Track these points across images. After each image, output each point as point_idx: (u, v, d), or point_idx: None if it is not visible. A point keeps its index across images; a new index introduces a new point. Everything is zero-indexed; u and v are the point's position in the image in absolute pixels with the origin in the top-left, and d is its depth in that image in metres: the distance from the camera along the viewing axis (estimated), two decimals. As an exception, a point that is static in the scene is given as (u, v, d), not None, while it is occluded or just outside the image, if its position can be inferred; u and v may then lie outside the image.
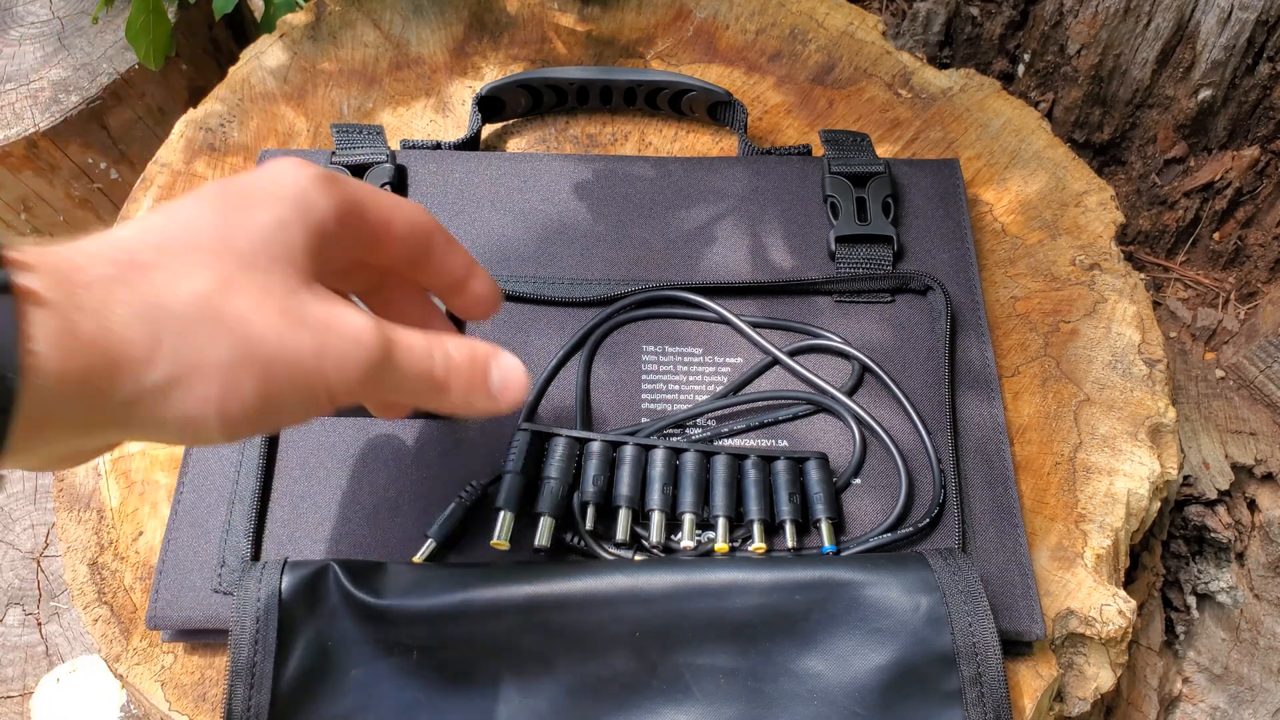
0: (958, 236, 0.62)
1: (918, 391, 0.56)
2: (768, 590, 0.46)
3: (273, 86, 0.73)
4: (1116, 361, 0.60)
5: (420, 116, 0.72)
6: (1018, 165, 0.69)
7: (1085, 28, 1.03)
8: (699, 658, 0.45)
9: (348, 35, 0.76)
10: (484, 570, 0.47)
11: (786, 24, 0.77)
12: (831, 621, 0.46)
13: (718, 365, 0.57)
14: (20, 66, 0.93)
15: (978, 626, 0.45)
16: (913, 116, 0.71)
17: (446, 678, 0.45)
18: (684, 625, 0.46)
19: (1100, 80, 1.07)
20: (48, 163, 0.92)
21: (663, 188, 0.64)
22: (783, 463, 0.52)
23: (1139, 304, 0.62)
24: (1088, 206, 0.66)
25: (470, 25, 0.77)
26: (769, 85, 0.74)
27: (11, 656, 0.98)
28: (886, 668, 0.45)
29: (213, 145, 0.70)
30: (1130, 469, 0.56)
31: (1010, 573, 0.51)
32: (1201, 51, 0.99)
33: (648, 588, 0.46)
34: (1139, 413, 0.58)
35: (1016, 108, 0.72)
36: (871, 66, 0.74)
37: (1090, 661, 0.53)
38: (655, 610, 0.46)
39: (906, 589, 0.46)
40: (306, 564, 0.47)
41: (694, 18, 0.78)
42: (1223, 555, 0.96)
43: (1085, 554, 0.53)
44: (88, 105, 0.90)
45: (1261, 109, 1.02)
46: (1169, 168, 1.11)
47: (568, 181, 0.64)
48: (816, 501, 0.51)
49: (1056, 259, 0.64)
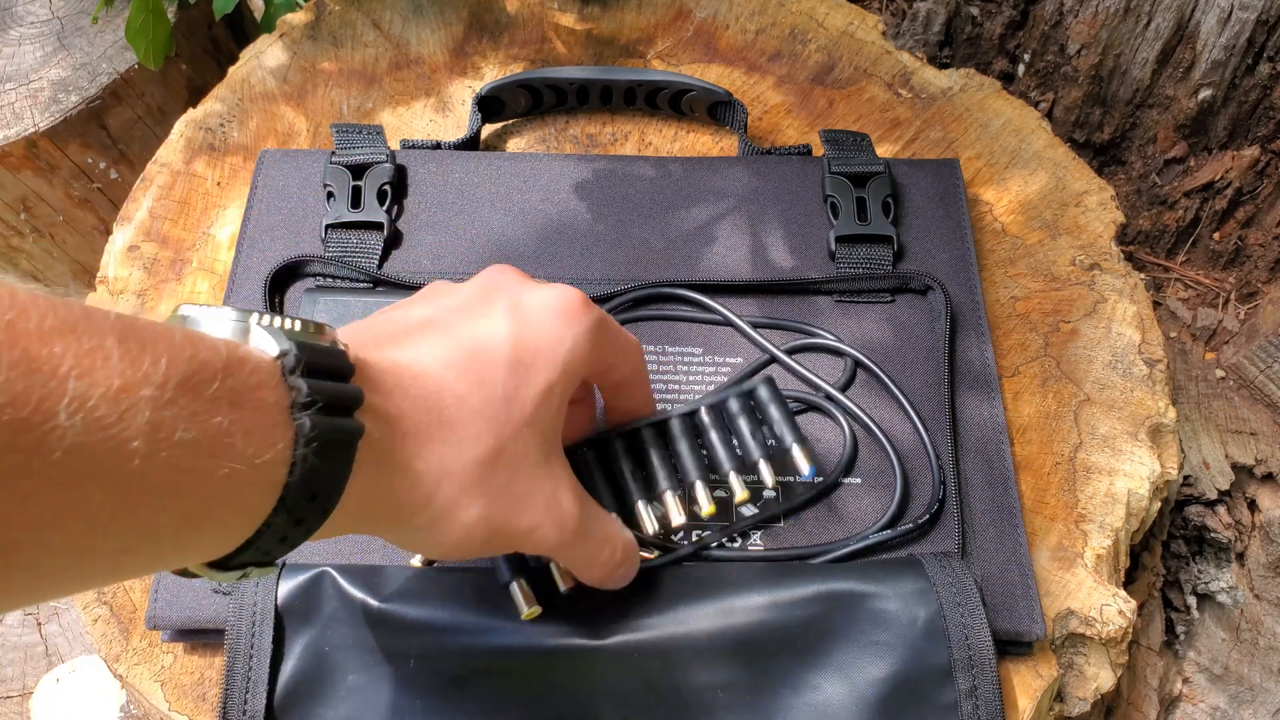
0: (958, 236, 0.62)
1: (918, 391, 0.56)
2: (767, 606, 0.46)
3: (272, 86, 0.73)
4: (1117, 361, 0.60)
5: (420, 116, 0.72)
6: (1018, 165, 0.69)
7: (1085, 28, 1.03)
8: (698, 674, 0.45)
9: (347, 35, 0.76)
10: (482, 580, 0.47)
11: (786, 24, 0.77)
12: (830, 635, 0.46)
13: (718, 365, 0.57)
14: (20, 66, 0.93)
15: (974, 638, 0.45)
16: (913, 116, 0.71)
17: (443, 688, 0.45)
18: (683, 642, 0.45)
19: (1100, 80, 1.07)
20: (47, 163, 0.92)
21: (663, 187, 0.64)
22: (734, 401, 0.49)
23: (1139, 304, 0.62)
24: (1088, 206, 0.66)
25: (470, 25, 0.77)
26: (769, 85, 0.73)
27: (11, 656, 0.98)
28: (885, 681, 0.45)
29: (212, 145, 0.70)
30: (1130, 469, 0.56)
31: (1010, 573, 0.51)
32: (1201, 51, 0.99)
33: (646, 605, 0.46)
34: (1139, 413, 0.58)
35: (1016, 108, 0.72)
36: (871, 66, 0.74)
37: (1090, 662, 0.53)
38: (653, 627, 0.46)
39: (904, 600, 0.46)
40: (304, 568, 0.47)
41: (694, 17, 0.77)
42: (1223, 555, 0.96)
43: (1085, 554, 0.53)
44: (87, 105, 0.90)
45: (1262, 109, 1.02)
46: (1169, 168, 1.11)
47: (568, 181, 0.64)
48: (780, 429, 0.48)
49: (1057, 259, 0.64)
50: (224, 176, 0.68)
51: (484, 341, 0.37)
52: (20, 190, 0.94)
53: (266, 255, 0.61)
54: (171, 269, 0.64)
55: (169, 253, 0.65)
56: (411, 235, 0.61)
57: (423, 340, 0.36)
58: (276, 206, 0.63)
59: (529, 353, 0.37)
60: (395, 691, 0.45)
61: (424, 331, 0.37)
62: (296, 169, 0.64)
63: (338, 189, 0.62)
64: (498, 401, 0.36)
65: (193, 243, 0.65)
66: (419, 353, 0.36)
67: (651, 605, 0.46)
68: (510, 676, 0.45)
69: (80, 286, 1.06)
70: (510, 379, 0.36)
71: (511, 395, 0.36)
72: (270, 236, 0.62)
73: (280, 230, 0.62)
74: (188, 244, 0.65)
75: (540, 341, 0.38)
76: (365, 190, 0.62)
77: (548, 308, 0.38)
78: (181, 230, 0.66)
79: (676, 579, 0.48)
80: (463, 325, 0.37)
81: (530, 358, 0.37)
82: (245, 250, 0.61)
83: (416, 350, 0.36)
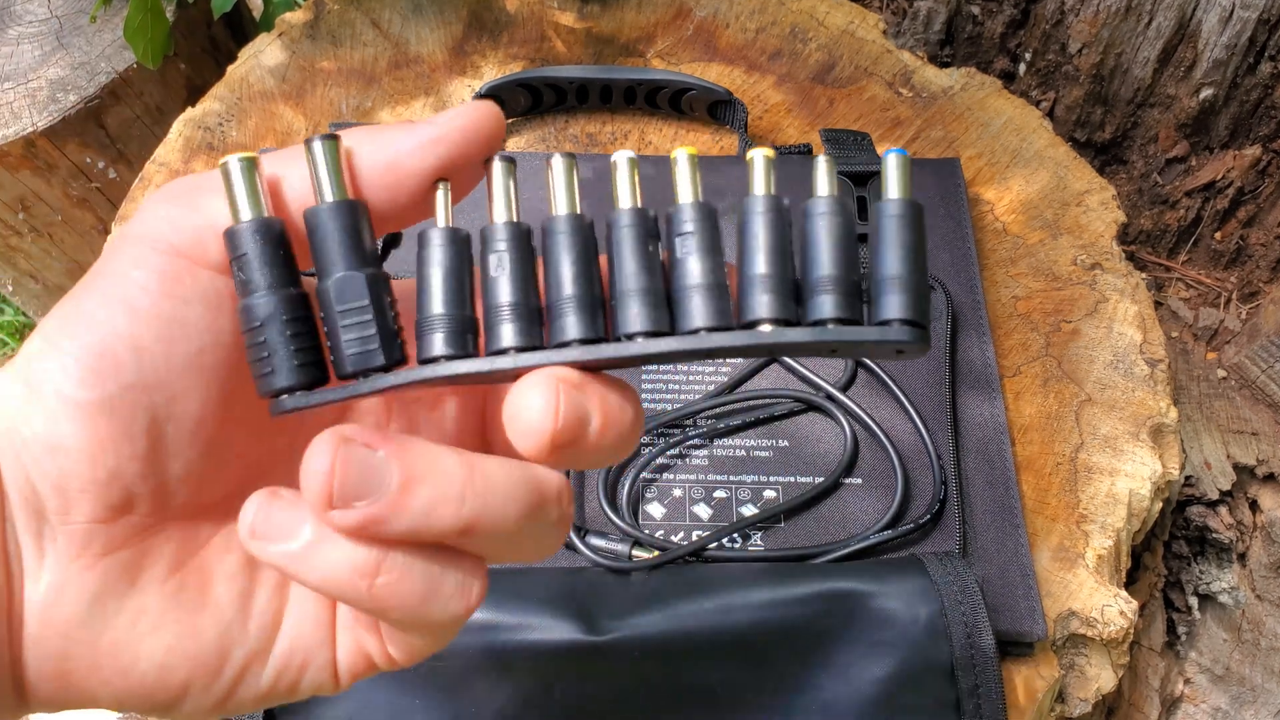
0: (959, 236, 0.62)
1: (919, 391, 0.56)
2: (767, 605, 0.46)
3: (271, 85, 0.72)
4: (1118, 361, 0.60)
5: (419, 115, 0.71)
6: (1019, 164, 0.69)
7: (1086, 26, 1.03)
8: (698, 674, 0.45)
9: (346, 34, 0.75)
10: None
11: (787, 22, 0.76)
12: (831, 634, 0.46)
13: (718, 365, 0.57)
14: (18, 65, 0.92)
15: (976, 637, 0.45)
16: (913, 115, 0.71)
17: (444, 688, 0.45)
18: (683, 642, 0.45)
19: (1101, 79, 1.07)
20: (45, 162, 0.92)
21: (662, 187, 0.63)
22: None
23: (1140, 304, 0.62)
24: (1089, 206, 0.66)
25: (469, 24, 0.76)
26: (769, 84, 0.73)
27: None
28: (887, 680, 0.45)
29: (211, 144, 0.69)
30: (1132, 469, 0.56)
31: (1011, 573, 0.50)
32: (1203, 50, 0.99)
33: (646, 605, 0.46)
34: (1140, 413, 0.58)
35: (1018, 107, 0.72)
36: (872, 65, 0.74)
37: (1092, 662, 0.53)
38: (653, 627, 0.46)
39: (906, 599, 0.46)
40: None
41: (694, 16, 0.77)
42: (1224, 556, 0.96)
43: (1087, 554, 0.53)
44: (86, 104, 0.90)
45: (1263, 108, 1.02)
46: (1170, 167, 1.11)
47: (567, 180, 0.64)
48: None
49: (1058, 258, 0.64)
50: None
51: None
52: (18, 190, 0.94)
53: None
54: (170, 268, 0.64)
55: (167, 252, 0.65)
56: (411, 234, 0.61)
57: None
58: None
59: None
60: (395, 691, 0.44)
61: None
62: (295, 168, 0.64)
63: (336, 188, 0.62)
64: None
65: (191, 242, 0.65)
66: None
67: (651, 605, 0.46)
68: (510, 682, 0.45)
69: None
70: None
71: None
72: (269, 236, 0.61)
73: (279, 230, 0.62)
74: (186, 243, 0.65)
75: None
76: (364, 189, 0.62)
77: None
78: (180, 230, 0.66)
79: (676, 579, 0.47)
80: None
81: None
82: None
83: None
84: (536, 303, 0.24)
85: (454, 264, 0.25)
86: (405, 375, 0.24)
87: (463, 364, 0.23)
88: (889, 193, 0.25)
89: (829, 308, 0.24)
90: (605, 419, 0.23)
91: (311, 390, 0.24)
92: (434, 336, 0.24)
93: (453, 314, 0.24)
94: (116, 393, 0.23)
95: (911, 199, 0.25)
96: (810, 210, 0.25)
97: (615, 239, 0.25)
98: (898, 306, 0.24)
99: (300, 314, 0.24)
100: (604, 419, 0.23)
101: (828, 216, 0.25)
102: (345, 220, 0.24)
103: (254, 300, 0.24)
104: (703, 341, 0.23)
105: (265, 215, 0.24)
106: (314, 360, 0.24)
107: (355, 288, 0.24)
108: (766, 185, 0.26)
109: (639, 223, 0.25)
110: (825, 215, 0.25)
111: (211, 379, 0.24)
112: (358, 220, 0.25)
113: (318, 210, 0.24)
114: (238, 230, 0.24)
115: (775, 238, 0.25)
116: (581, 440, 0.23)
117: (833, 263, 0.24)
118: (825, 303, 0.24)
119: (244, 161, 0.24)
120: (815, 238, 0.25)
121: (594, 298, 0.24)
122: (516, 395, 0.23)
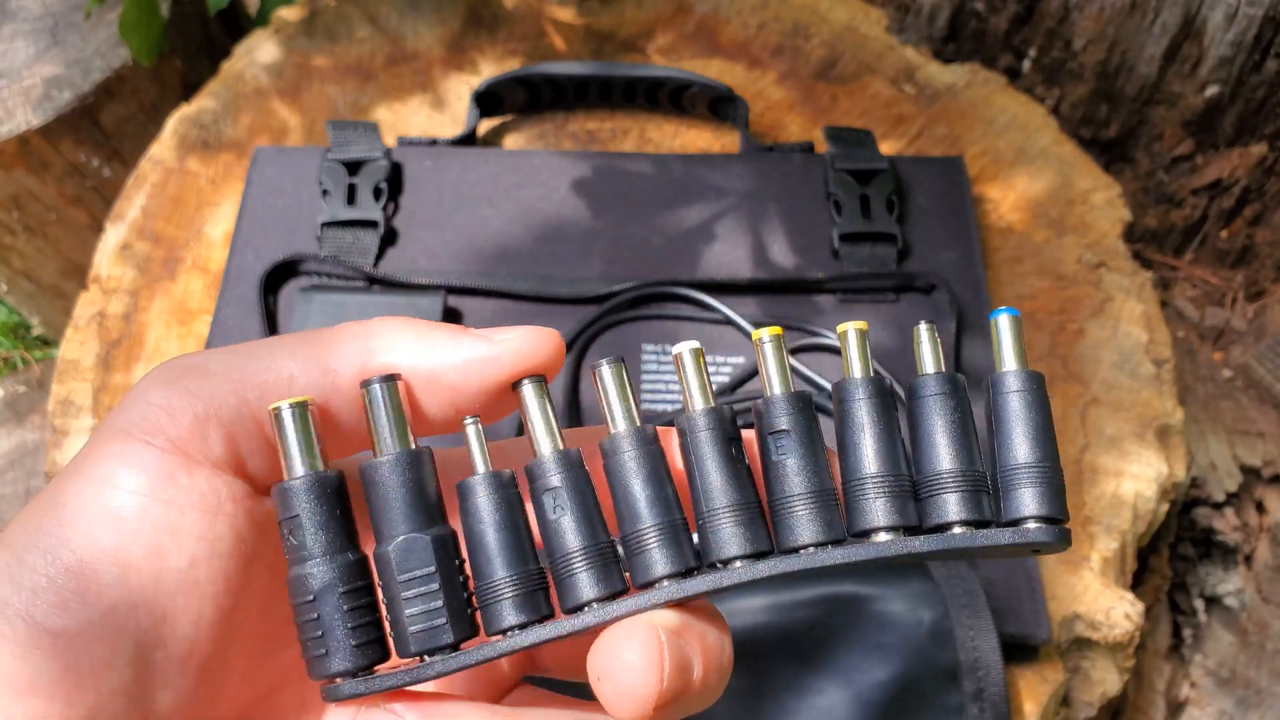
0: (963, 234, 0.61)
1: (922, 392, 0.55)
2: (768, 609, 0.45)
3: (266, 82, 0.72)
4: (1124, 361, 0.59)
5: (416, 112, 0.71)
6: (1023, 162, 0.68)
7: (1091, 23, 1.02)
8: None
9: (343, 30, 0.75)
10: None
11: (789, 18, 0.76)
12: (834, 637, 0.45)
13: (719, 365, 0.57)
14: (12, 63, 0.92)
15: (980, 640, 0.45)
16: (917, 112, 0.70)
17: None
18: None
19: (1107, 76, 1.06)
20: (40, 160, 0.91)
21: (662, 185, 0.63)
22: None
23: (1146, 303, 0.61)
24: (1094, 204, 0.65)
25: (467, 20, 0.76)
26: (771, 81, 0.72)
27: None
28: (890, 683, 0.44)
29: (205, 142, 0.69)
30: (1138, 470, 0.55)
31: (1016, 576, 0.50)
32: (1209, 48, 0.98)
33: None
34: (1146, 413, 0.57)
35: (1022, 104, 0.71)
36: (875, 62, 0.73)
37: (1097, 666, 0.52)
38: None
39: (909, 602, 0.45)
40: None
41: (695, 12, 0.77)
42: (1230, 558, 0.95)
43: (1092, 557, 0.52)
44: (80, 102, 0.89)
45: (1269, 106, 1.01)
46: (1176, 165, 1.10)
47: (566, 179, 0.63)
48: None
49: (1063, 257, 0.63)
50: (217, 173, 0.67)
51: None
52: (12, 188, 0.93)
53: (261, 254, 0.60)
54: (165, 267, 0.63)
55: (162, 251, 0.64)
56: (408, 233, 0.61)
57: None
58: (271, 204, 0.62)
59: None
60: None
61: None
62: (291, 166, 0.63)
63: (333, 186, 0.62)
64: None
65: (186, 241, 0.64)
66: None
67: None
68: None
69: (73, 285, 1.05)
70: None
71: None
72: (265, 235, 0.61)
73: (275, 228, 0.61)
74: (181, 242, 0.64)
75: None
76: (360, 187, 0.61)
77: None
78: (174, 228, 0.65)
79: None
80: None
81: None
82: (239, 249, 0.60)
83: None
84: (607, 537, 0.21)
85: (505, 516, 0.22)
86: (477, 655, 0.21)
87: (540, 630, 0.21)
88: (1005, 363, 0.22)
89: (954, 509, 0.21)
90: (706, 662, 0.20)
91: (371, 674, 0.21)
92: (502, 605, 0.21)
93: (516, 574, 0.21)
94: (98, 618, 0.19)
95: (1031, 370, 0.21)
96: (919, 391, 0.22)
97: (693, 445, 0.22)
98: (1033, 502, 0.21)
99: (359, 583, 0.21)
100: (705, 662, 0.20)
101: (941, 399, 0.22)
102: (408, 475, 0.21)
103: (308, 570, 0.21)
104: (812, 560, 0.21)
105: (321, 470, 0.21)
106: (374, 638, 0.21)
107: (420, 554, 0.21)
108: (864, 365, 0.22)
109: (717, 425, 0.21)
110: (938, 398, 0.22)
111: (207, 595, 0.21)
112: (421, 472, 0.22)
113: (377, 465, 0.21)
114: (290, 488, 0.21)
115: (883, 429, 0.22)
116: (685, 693, 0.20)
117: (953, 455, 0.21)
118: (949, 503, 0.21)
119: (295, 408, 0.21)
120: (928, 425, 0.22)
121: (675, 523, 0.21)
122: (607, 650, 0.20)
